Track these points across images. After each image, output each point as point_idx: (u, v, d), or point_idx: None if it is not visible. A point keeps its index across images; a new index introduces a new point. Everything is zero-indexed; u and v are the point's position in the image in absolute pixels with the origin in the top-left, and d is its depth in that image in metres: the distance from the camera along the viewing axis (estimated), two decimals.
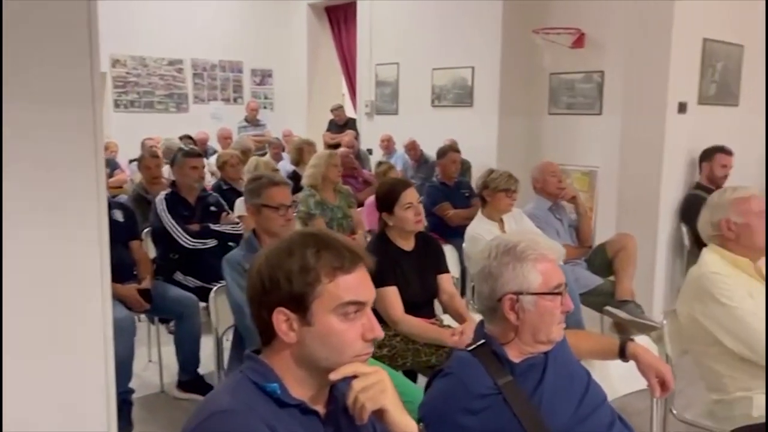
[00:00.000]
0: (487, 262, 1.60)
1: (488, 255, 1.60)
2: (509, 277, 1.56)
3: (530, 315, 1.54)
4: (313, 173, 4.50)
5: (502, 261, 1.57)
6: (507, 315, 1.55)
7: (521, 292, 1.55)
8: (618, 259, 3.70)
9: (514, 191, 3.47)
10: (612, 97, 6.44)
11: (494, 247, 1.61)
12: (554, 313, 1.55)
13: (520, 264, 1.55)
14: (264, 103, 10.01)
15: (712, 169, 4.29)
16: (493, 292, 1.58)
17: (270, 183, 2.61)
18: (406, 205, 2.68)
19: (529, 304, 1.54)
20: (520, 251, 1.57)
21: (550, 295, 1.55)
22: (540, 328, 1.54)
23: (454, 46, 7.36)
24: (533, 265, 1.55)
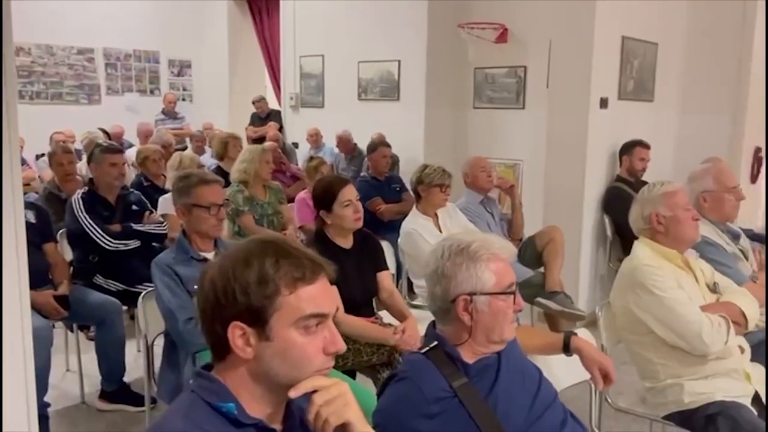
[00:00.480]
0: (439, 263, 1.57)
1: (440, 255, 1.58)
2: (463, 277, 1.54)
3: (484, 315, 1.53)
4: (245, 168, 4.35)
5: (455, 261, 1.55)
6: (461, 316, 1.53)
7: (475, 293, 1.53)
8: (547, 251, 3.79)
9: (448, 186, 3.48)
10: (534, 92, 6.63)
11: (446, 248, 1.58)
12: (507, 312, 1.54)
13: (474, 264, 1.54)
14: (182, 94, 9.64)
15: (631, 162, 4.47)
16: (447, 293, 1.55)
17: (200, 181, 2.49)
18: (345, 203, 2.63)
19: (483, 304, 1.53)
20: (473, 251, 1.55)
21: (503, 294, 1.54)
22: (493, 328, 1.53)
23: (380, 40, 7.33)
24: (486, 265, 1.54)
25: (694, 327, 2.08)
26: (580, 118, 4.32)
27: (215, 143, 5.52)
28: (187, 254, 2.47)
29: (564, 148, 4.40)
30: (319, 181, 2.74)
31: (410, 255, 3.50)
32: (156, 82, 9.45)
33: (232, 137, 5.47)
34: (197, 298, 1.13)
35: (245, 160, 4.37)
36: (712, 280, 2.32)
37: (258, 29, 9.27)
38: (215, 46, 9.56)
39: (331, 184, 2.66)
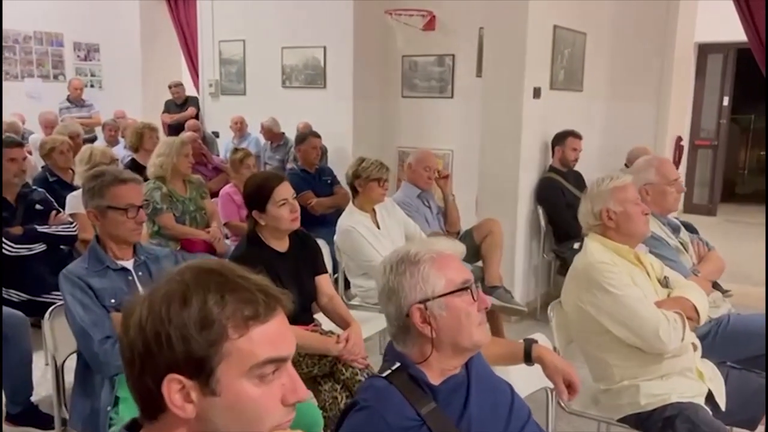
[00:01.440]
0: (384, 280, 1.42)
1: (383, 272, 1.43)
2: (410, 286, 1.39)
3: (444, 320, 1.39)
4: (161, 163, 4.02)
5: (399, 271, 1.40)
6: (420, 329, 1.38)
7: (427, 299, 1.39)
8: (485, 244, 3.71)
9: (386, 180, 3.32)
10: (463, 80, 6.58)
11: (388, 262, 1.44)
12: (470, 311, 1.41)
13: (416, 268, 1.39)
14: (90, 80, 8.99)
15: (564, 152, 4.47)
16: (399, 308, 1.40)
17: (115, 180, 2.20)
18: (281, 202, 2.41)
19: (439, 308, 1.39)
20: (413, 255, 1.41)
21: (458, 292, 1.40)
22: (459, 333, 1.39)
23: (304, 24, 7.06)
24: (431, 266, 1.40)
25: (651, 324, 2.02)
26: (515, 108, 4.26)
27: (129, 134, 5.12)
28: (101, 264, 2.18)
29: (498, 138, 4.33)
30: (251, 178, 2.50)
31: (347, 253, 3.32)
32: (60, 67, 8.74)
33: (147, 127, 5.08)
34: (121, 346, 0.90)
35: (162, 154, 4.03)
36: (662, 274, 2.27)
37: (173, 11, 8.74)
38: (126, 28, 8.95)
39: (264, 182, 2.43)
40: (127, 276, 2.21)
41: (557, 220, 4.42)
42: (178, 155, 3.93)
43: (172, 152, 3.92)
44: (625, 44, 5.13)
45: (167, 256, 2.34)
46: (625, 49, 5.14)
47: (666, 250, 2.59)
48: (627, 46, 5.13)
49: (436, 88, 6.85)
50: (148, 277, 2.24)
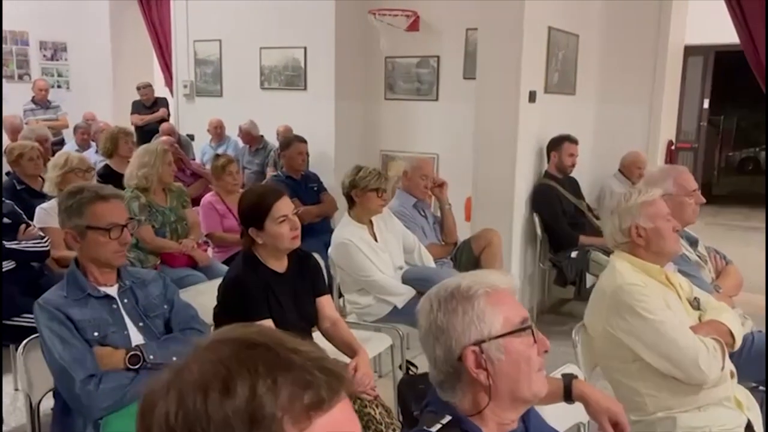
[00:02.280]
0: (430, 318, 1.23)
1: (429, 308, 1.25)
2: (463, 325, 1.21)
3: (503, 365, 1.21)
4: (146, 174, 3.75)
5: (448, 308, 1.22)
6: (475, 375, 1.20)
7: (483, 340, 1.21)
8: (484, 255, 3.55)
9: (384, 190, 3.12)
10: (448, 83, 6.42)
11: (433, 297, 1.26)
12: (530, 355, 1.23)
13: (470, 304, 1.21)
14: (58, 81, 8.61)
15: (560, 157, 4.33)
16: (449, 351, 1.22)
17: (96, 197, 1.96)
18: (280, 219, 2.20)
19: (498, 351, 1.21)
20: (465, 290, 1.23)
21: (518, 332, 1.22)
22: (519, 380, 1.21)
23: (283, 25, 6.83)
24: (486, 302, 1.22)
25: (690, 353, 1.86)
26: (510, 113, 4.11)
27: (103, 139, 4.83)
28: (82, 291, 1.95)
29: (493, 143, 4.18)
30: (247, 193, 2.29)
31: (343, 267, 3.12)
32: (25, 67, 8.35)
33: (123, 132, 4.80)
34: None
35: (146, 165, 3.77)
36: (692, 295, 2.13)
37: (144, 10, 8.41)
38: (95, 27, 8.59)
39: (262, 197, 2.22)
40: (111, 304, 1.98)
41: (554, 228, 4.28)
42: (162, 164, 3.69)
43: (155, 162, 3.67)
44: (617, 46, 5.02)
45: (155, 280, 2.12)
46: (617, 51, 5.03)
47: (688, 266, 2.46)
48: (619, 48, 5.02)
49: (421, 90, 6.68)
50: (135, 304, 2.02)
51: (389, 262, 3.15)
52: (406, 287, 3.10)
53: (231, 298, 2.18)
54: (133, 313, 2.00)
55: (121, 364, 1.88)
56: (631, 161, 4.79)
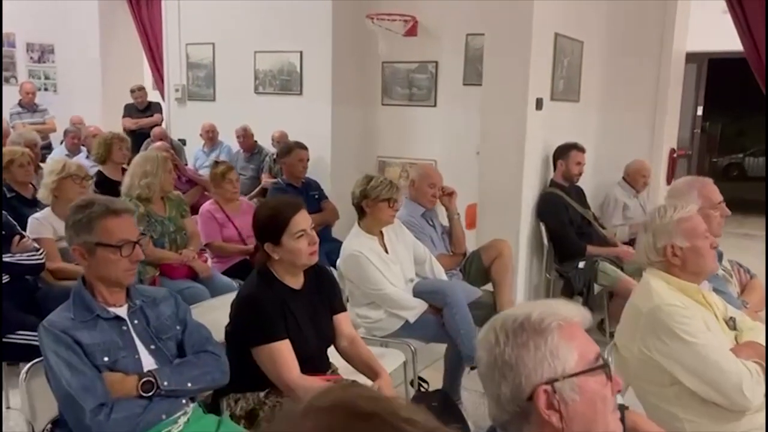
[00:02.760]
0: (495, 352, 1.13)
1: (494, 341, 1.14)
2: (534, 361, 1.12)
3: (577, 406, 1.11)
4: (148, 184, 3.62)
5: (518, 342, 1.12)
6: (546, 417, 1.10)
7: (556, 378, 1.11)
8: (495, 267, 3.45)
9: (396, 200, 3.02)
10: (447, 88, 6.34)
11: (499, 328, 1.15)
12: (606, 396, 1.14)
13: (543, 338, 1.12)
14: (45, 83, 8.41)
15: (567, 166, 4.26)
16: (518, 389, 1.11)
17: (107, 212, 1.84)
18: (298, 233, 2.09)
19: (572, 391, 1.11)
20: (536, 322, 1.13)
21: (593, 370, 1.13)
22: (594, 422, 1.12)
23: (279, 28, 6.72)
24: (560, 336, 1.12)
25: (733, 379, 1.78)
26: (518, 120, 4.03)
27: (96, 144, 4.68)
28: (90, 312, 1.82)
29: (500, 151, 4.10)
30: (263, 207, 2.18)
31: (353, 280, 3.01)
32: (12, 70, 8.13)
33: (117, 138, 4.66)
34: None
35: (148, 174, 3.64)
36: (727, 314, 2.05)
37: (134, 11, 8.25)
38: (83, 28, 8.39)
39: (279, 211, 2.11)
40: (120, 326, 1.86)
41: (560, 238, 4.20)
42: (163, 173, 3.57)
43: (158, 171, 3.54)
44: (621, 53, 4.97)
45: (166, 299, 2.00)
46: (621, 59, 4.98)
47: (717, 281, 2.38)
48: (622, 56, 4.98)
49: (418, 96, 6.59)
50: (145, 325, 1.90)
51: (400, 275, 3.05)
52: (418, 301, 3.00)
53: (246, 316, 2.06)
54: (144, 335, 1.88)
55: (134, 391, 1.76)
56: (635, 169, 4.73)
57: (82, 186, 3.36)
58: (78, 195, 3.35)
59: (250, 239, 4.11)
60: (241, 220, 4.13)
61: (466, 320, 2.90)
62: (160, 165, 3.57)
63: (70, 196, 3.33)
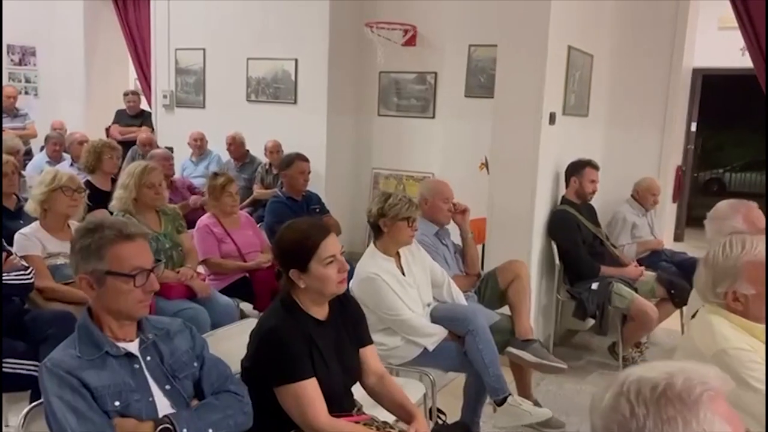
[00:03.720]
0: (631, 427, 0.94)
1: (628, 413, 0.94)
2: None
3: None
4: (121, 197, 3.44)
5: (662, 417, 0.93)
6: None
7: None
8: (512, 290, 3.28)
9: (415, 219, 2.84)
10: (447, 100, 6.19)
11: (635, 397, 0.95)
12: None
13: (694, 414, 0.93)
14: (26, 87, 8.10)
15: (581, 183, 4.12)
16: None
17: (119, 236, 1.63)
18: (328, 260, 1.90)
19: None
20: (684, 392, 0.94)
21: None
22: None
23: (274, 34, 6.52)
24: (713, 410, 0.94)
25: None
26: (531, 134, 3.89)
27: (86, 152, 4.43)
28: (98, 349, 1.61)
29: (512, 166, 3.95)
30: (288, 229, 1.97)
31: (368, 304, 2.80)
32: None
33: (107, 146, 4.42)
34: None
35: (123, 185, 3.45)
36: None
37: (121, 14, 7.98)
38: (67, 30, 8.11)
39: (307, 234, 1.91)
40: (132, 364, 1.65)
41: (573, 258, 4.05)
42: (138, 186, 3.36)
43: (131, 184, 3.35)
44: (630, 68, 4.87)
45: (181, 331, 1.78)
46: (630, 74, 4.88)
47: None
48: (631, 71, 4.87)
49: (416, 107, 6.44)
50: (159, 362, 1.69)
51: (418, 299, 2.86)
52: (438, 327, 2.82)
53: (269, 352, 1.85)
54: (158, 373, 1.67)
55: None
56: (645, 187, 4.61)
57: (74, 199, 3.13)
58: (69, 208, 3.13)
59: (249, 255, 3.90)
60: (240, 234, 3.92)
61: (491, 349, 2.72)
62: (137, 176, 3.39)
63: (61, 209, 3.11)
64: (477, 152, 5.63)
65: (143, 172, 3.50)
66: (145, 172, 3.49)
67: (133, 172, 3.50)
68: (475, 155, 5.63)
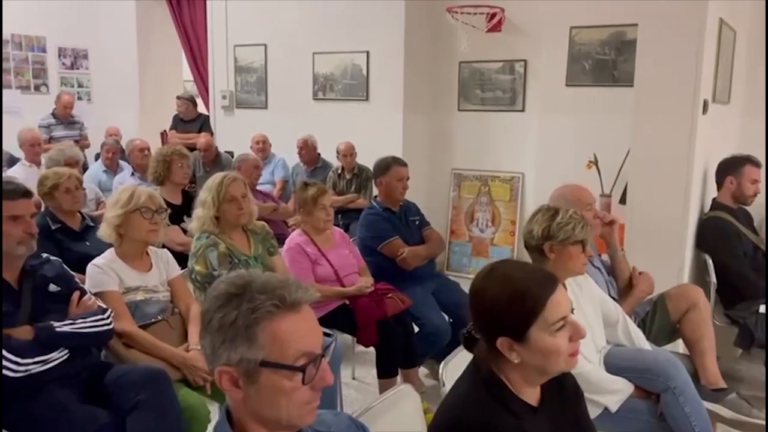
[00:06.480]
0: None
1: None
2: None
3: None
4: (199, 217, 2.91)
5: None
6: None
7: None
8: (689, 323, 2.63)
9: (587, 243, 2.21)
10: (538, 91, 5.52)
11: None
12: None
13: None
14: (78, 92, 7.72)
15: (740, 184, 3.43)
16: None
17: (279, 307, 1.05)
18: (557, 324, 1.30)
19: None
20: None
21: None
22: None
23: (341, 26, 5.96)
24: None
25: None
26: (683, 127, 3.22)
27: (154, 162, 3.93)
28: None
29: (659, 164, 3.29)
30: (495, 280, 1.34)
31: None
32: (42, 76, 7.43)
33: (177, 154, 3.89)
34: None
35: (202, 202, 2.93)
36: None
37: (174, 12, 7.54)
38: (119, 31, 7.70)
39: (526, 290, 1.29)
40: None
41: (733, 275, 3.37)
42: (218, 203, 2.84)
43: (208, 200, 2.83)
44: None
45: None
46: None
47: None
48: None
49: (503, 100, 5.79)
50: None
51: (591, 343, 2.24)
52: (623, 381, 2.19)
53: None
54: None
55: None
56: None
57: (154, 222, 2.59)
58: (149, 234, 2.59)
59: (347, 278, 3.33)
60: (335, 254, 3.36)
61: (702, 415, 2.09)
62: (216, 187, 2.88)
63: (139, 235, 2.58)
64: (582, 148, 4.97)
65: (221, 184, 2.95)
66: (223, 185, 2.94)
67: (211, 186, 2.96)
68: (580, 152, 4.96)
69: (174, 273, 2.71)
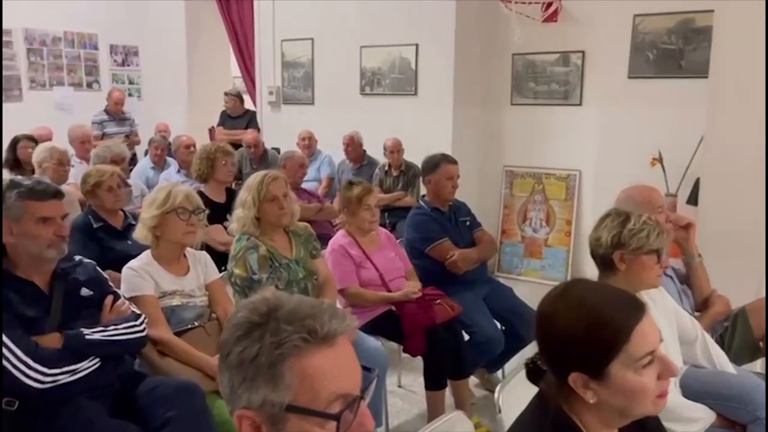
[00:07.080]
0: None
1: None
2: None
3: None
4: (239, 218, 2.77)
5: None
6: None
7: None
8: None
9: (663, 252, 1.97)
10: (596, 84, 5.22)
11: None
12: None
13: None
14: (129, 89, 7.77)
15: None
16: None
17: (311, 341, 0.88)
18: (644, 360, 1.08)
19: None
20: None
21: None
22: None
23: (390, 18, 5.78)
24: None
25: None
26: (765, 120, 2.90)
27: (198, 159, 3.83)
28: None
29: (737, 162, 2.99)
30: (567, 306, 1.14)
31: None
32: (95, 74, 7.52)
33: (221, 151, 3.79)
34: None
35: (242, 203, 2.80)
36: None
37: (223, 8, 7.50)
38: (169, 28, 7.72)
39: (608, 319, 1.08)
40: None
41: None
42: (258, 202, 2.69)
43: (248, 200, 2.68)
44: None
45: None
46: None
47: None
48: None
49: (558, 93, 5.51)
50: None
51: None
52: (703, 408, 1.94)
53: None
54: None
55: None
56: None
57: (191, 223, 2.46)
58: (185, 236, 2.47)
59: (393, 282, 3.15)
60: (380, 257, 3.18)
61: None
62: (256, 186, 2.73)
63: (175, 236, 2.46)
64: (646, 144, 4.66)
65: (261, 183, 2.80)
66: (264, 184, 2.79)
67: (252, 185, 2.82)
68: (643, 148, 4.66)
69: (212, 276, 2.59)
